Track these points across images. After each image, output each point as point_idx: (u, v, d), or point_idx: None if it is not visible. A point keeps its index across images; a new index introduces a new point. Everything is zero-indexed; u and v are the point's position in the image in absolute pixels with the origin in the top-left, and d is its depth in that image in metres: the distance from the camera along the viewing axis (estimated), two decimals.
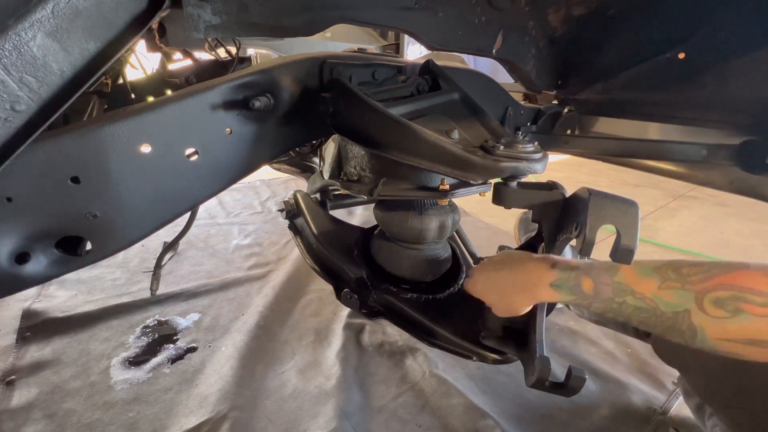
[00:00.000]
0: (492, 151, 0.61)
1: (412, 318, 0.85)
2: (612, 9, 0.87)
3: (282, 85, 0.71)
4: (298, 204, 1.01)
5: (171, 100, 0.61)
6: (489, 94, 1.00)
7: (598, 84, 1.00)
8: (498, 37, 0.88)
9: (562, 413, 1.10)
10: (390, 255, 0.91)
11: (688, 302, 0.51)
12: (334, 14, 0.69)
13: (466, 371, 1.23)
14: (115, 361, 1.23)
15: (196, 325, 1.40)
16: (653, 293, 0.53)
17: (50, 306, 1.44)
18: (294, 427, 1.04)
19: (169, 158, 0.62)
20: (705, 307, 0.50)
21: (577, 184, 0.64)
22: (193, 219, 1.01)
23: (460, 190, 0.77)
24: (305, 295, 1.59)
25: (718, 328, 0.49)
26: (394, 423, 1.06)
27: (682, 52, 0.84)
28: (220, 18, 0.60)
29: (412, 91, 0.79)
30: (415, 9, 0.76)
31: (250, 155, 0.71)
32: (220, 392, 1.10)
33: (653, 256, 1.91)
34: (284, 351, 1.30)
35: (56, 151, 0.53)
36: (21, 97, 0.46)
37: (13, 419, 1.03)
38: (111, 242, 0.61)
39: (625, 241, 0.54)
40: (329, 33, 1.75)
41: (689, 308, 0.51)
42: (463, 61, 1.64)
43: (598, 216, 0.55)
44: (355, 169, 0.83)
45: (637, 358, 1.31)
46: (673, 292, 0.52)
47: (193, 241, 1.99)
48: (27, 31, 0.44)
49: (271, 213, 2.39)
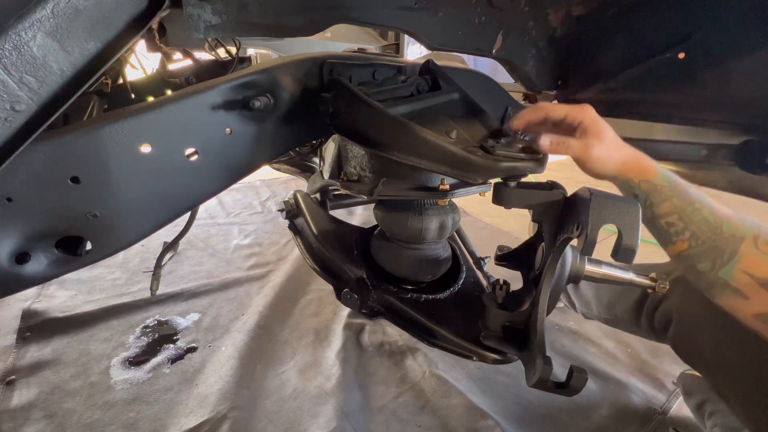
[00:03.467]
0: (492, 151, 0.61)
1: (412, 318, 0.85)
2: (612, 9, 0.87)
3: (282, 85, 0.71)
4: (298, 204, 1.01)
5: (171, 100, 0.61)
6: (489, 94, 1.00)
7: (598, 84, 1.00)
8: (498, 37, 0.88)
9: (562, 413, 1.10)
10: (390, 255, 0.91)
11: (749, 233, 0.59)
12: (334, 14, 0.69)
13: (466, 371, 1.23)
14: (115, 361, 1.23)
15: (196, 325, 1.40)
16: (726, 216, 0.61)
17: (50, 306, 1.44)
18: (294, 427, 1.04)
19: (169, 158, 0.62)
20: (759, 242, 0.58)
21: (577, 184, 0.64)
22: (193, 219, 1.01)
23: (460, 190, 0.77)
24: (305, 295, 1.59)
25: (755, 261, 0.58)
26: (394, 423, 1.06)
27: (682, 52, 0.84)
28: (220, 18, 0.60)
29: (412, 91, 0.79)
30: (415, 9, 0.76)
31: (250, 155, 0.71)
32: (220, 392, 1.10)
33: (653, 256, 1.90)
34: (284, 351, 1.30)
35: (56, 151, 0.53)
36: (21, 97, 0.46)
37: (13, 419, 1.03)
38: (111, 242, 0.61)
39: (627, 240, 0.54)
40: (329, 33, 1.75)
41: (746, 237, 0.59)
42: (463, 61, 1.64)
43: (599, 216, 0.55)
44: (355, 169, 0.83)
45: (637, 358, 1.31)
46: (741, 222, 0.60)
47: (193, 241, 1.99)
48: (27, 31, 0.44)
49: (271, 213, 2.39)
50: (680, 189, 0.64)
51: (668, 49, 0.85)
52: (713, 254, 0.61)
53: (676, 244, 0.64)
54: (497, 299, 0.70)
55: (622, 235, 0.54)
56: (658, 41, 0.86)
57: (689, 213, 0.63)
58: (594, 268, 0.70)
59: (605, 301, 1.05)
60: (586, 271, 0.69)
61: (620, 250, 0.54)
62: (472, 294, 0.90)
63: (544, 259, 0.66)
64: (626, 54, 0.92)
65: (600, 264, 0.71)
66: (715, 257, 0.61)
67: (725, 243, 0.60)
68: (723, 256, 0.60)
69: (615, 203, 0.56)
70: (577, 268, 0.68)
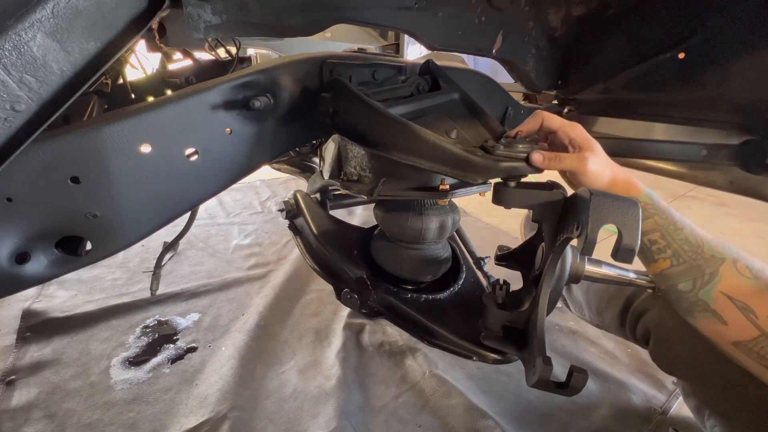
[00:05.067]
0: (492, 151, 0.61)
1: (412, 318, 0.85)
2: (612, 9, 0.87)
3: (282, 85, 0.71)
4: (298, 204, 1.01)
5: (171, 100, 0.61)
6: (489, 94, 1.00)
7: (598, 84, 1.00)
8: (498, 37, 0.88)
9: (562, 413, 1.10)
10: (390, 255, 0.91)
11: (729, 255, 0.61)
12: (334, 14, 0.69)
13: (466, 371, 1.23)
14: (115, 361, 1.23)
15: (196, 325, 1.40)
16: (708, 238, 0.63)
17: (50, 306, 1.44)
18: (294, 427, 1.04)
19: (169, 158, 0.62)
20: (738, 266, 0.60)
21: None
22: (193, 219, 1.01)
23: (460, 190, 0.77)
24: (305, 295, 1.59)
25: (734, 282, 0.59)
26: (394, 423, 1.06)
27: (682, 52, 0.84)
28: (220, 18, 0.60)
29: (412, 91, 0.79)
30: (415, 9, 0.76)
31: (250, 155, 0.71)
32: (220, 392, 1.10)
33: None
34: (284, 351, 1.30)
35: (56, 151, 0.53)
36: (21, 97, 0.46)
37: (13, 419, 1.03)
38: (111, 242, 0.61)
39: (627, 240, 0.54)
40: (329, 33, 1.75)
41: (726, 258, 0.61)
42: (463, 61, 1.64)
43: (599, 216, 0.55)
44: (355, 169, 0.83)
45: (637, 358, 1.31)
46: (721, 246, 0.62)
47: (193, 241, 1.99)
48: (27, 31, 0.44)
49: (271, 213, 2.39)
50: (663, 208, 0.65)
51: (668, 49, 0.85)
52: (694, 274, 0.62)
53: (658, 262, 0.65)
54: (497, 299, 0.70)
55: (622, 235, 0.54)
56: (658, 41, 0.86)
57: (671, 231, 0.64)
58: (594, 268, 0.70)
59: (594, 307, 1.06)
60: (586, 271, 0.69)
61: (620, 250, 0.54)
62: (472, 294, 0.90)
63: (544, 259, 0.66)
64: (626, 54, 0.92)
65: (600, 264, 0.71)
66: (695, 277, 0.62)
67: (706, 263, 0.61)
68: (704, 276, 0.61)
69: (615, 203, 0.56)
70: (577, 268, 0.68)
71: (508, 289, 0.71)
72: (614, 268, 0.72)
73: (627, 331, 0.94)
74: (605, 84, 0.98)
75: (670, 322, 0.80)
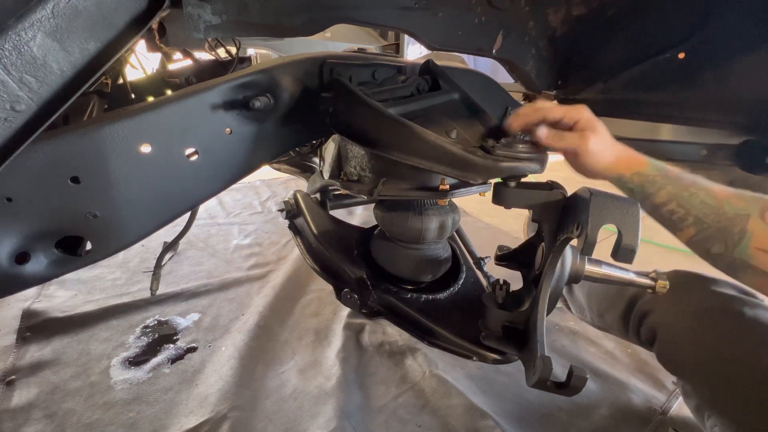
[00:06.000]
0: (492, 151, 0.61)
1: (412, 318, 0.85)
2: (612, 9, 0.87)
3: (282, 85, 0.71)
4: (298, 204, 1.01)
5: (171, 100, 0.61)
6: (489, 94, 1.00)
7: (598, 84, 1.00)
8: (498, 37, 0.88)
9: (562, 413, 1.10)
10: (390, 255, 0.91)
11: (753, 209, 0.59)
12: (334, 14, 0.69)
13: (466, 371, 1.23)
14: (115, 361, 1.23)
15: (196, 325, 1.40)
16: (726, 196, 0.61)
17: (50, 306, 1.44)
18: (294, 427, 1.04)
19: (169, 158, 0.62)
20: (766, 217, 0.58)
21: (577, 184, 0.64)
22: (193, 219, 1.01)
23: (460, 190, 0.77)
24: (305, 295, 1.59)
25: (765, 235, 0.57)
26: (394, 423, 1.06)
27: (682, 52, 0.84)
28: (220, 18, 0.60)
29: (412, 91, 0.79)
30: (415, 9, 0.76)
31: (250, 155, 0.71)
32: (220, 392, 1.10)
33: (653, 256, 1.91)
34: (284, 351, 1.30)
35: (56, 151, 0.53)
36: (21, 97, 0.46)
37: (13, 419, 1.03)
38: (111, 242, 0.61)
39: (627, 240, 0.54)
40: (329, 33, 1.75)
41: (751, 213, 0.58)
42: (463, 61, 1.64)
43: (599, 215, 0.55)
44: (355, 169, 0.83)
45: (637, 358, 1.31)
46: (742, 200, 0.60)
47: (193, 241, 1.99)
48: (27, 31, 0.44)
49: (271, 213, 2.39)
50: (672, 176, 0.65)
51: (668, 49, 0.85)
52: (722, 236, 0.61)
53: (683, 231, 0.65)
54: (497, 299, 0.70)
55: (622, 235, 0.54)
56: (658, 41, 0.86)
57: (687, 198, 0.63)
58: (594, 268, 0.70)
59: (595, 309, 1.05)
60: (586, 271, 0.69)
61: (620, 250, 0.54)
62: (472, 294, 0.90)
63: (544, 259, 0.66)
64: (626, 54, 0.92)
65: (600, 264, 0.71)
66: (725, 238, 0.60)
67: (731, 223, 0.60)
68: (733, 236, 0.60)
69: (615, 203, 0.56)
70: (577, 268, 0.68)
71: (508, 289, 0.71)
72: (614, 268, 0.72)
73: (630, 333, 0.93)
74: (605, 84, 0.99)
75: (676, 323, 0.80)
